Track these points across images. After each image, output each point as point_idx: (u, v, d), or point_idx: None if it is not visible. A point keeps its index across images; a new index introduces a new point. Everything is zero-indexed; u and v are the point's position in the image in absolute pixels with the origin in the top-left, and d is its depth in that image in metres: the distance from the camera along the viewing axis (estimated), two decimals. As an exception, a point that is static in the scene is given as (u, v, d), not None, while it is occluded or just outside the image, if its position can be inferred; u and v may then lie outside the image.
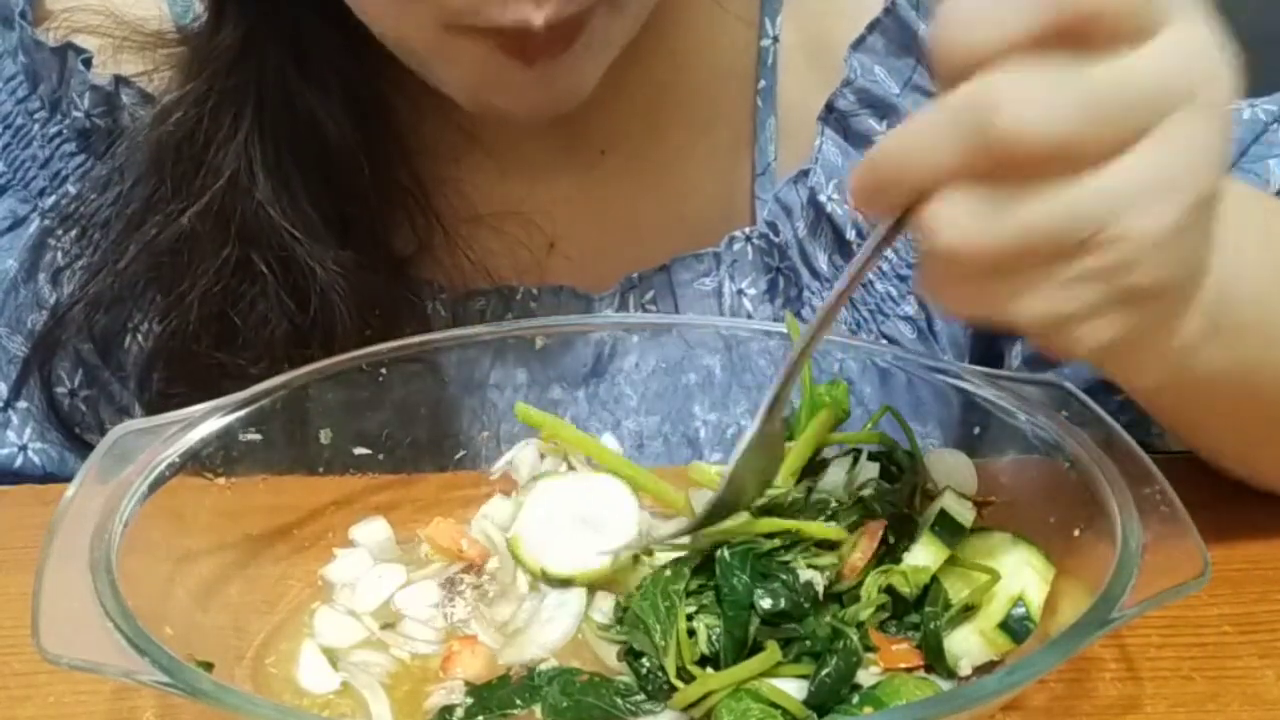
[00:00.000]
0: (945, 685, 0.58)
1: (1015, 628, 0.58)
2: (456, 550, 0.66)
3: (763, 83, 0.87)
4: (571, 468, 0.69)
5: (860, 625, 0.59)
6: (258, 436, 0.65)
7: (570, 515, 0.66)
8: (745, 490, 0.61)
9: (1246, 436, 0.70)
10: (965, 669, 0.59)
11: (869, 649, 0.59)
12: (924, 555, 0.62)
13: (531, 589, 0.65)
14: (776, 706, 0.55)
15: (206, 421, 0.64)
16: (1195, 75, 0.48)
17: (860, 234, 0.84)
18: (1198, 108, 0.48)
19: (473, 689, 0.58)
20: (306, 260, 0.78)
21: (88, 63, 0.83)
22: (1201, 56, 0.49)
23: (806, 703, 0.56)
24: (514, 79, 0.71)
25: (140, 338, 0.83)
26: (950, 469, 0.65)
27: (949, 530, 0.62)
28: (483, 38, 0.69)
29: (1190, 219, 0.49)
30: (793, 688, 0.56)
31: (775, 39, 0.87)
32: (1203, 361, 0.59)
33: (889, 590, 0.61)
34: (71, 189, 0.85)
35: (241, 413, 0.65)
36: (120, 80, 0.83)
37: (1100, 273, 0.49)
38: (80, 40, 0.83)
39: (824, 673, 0.56)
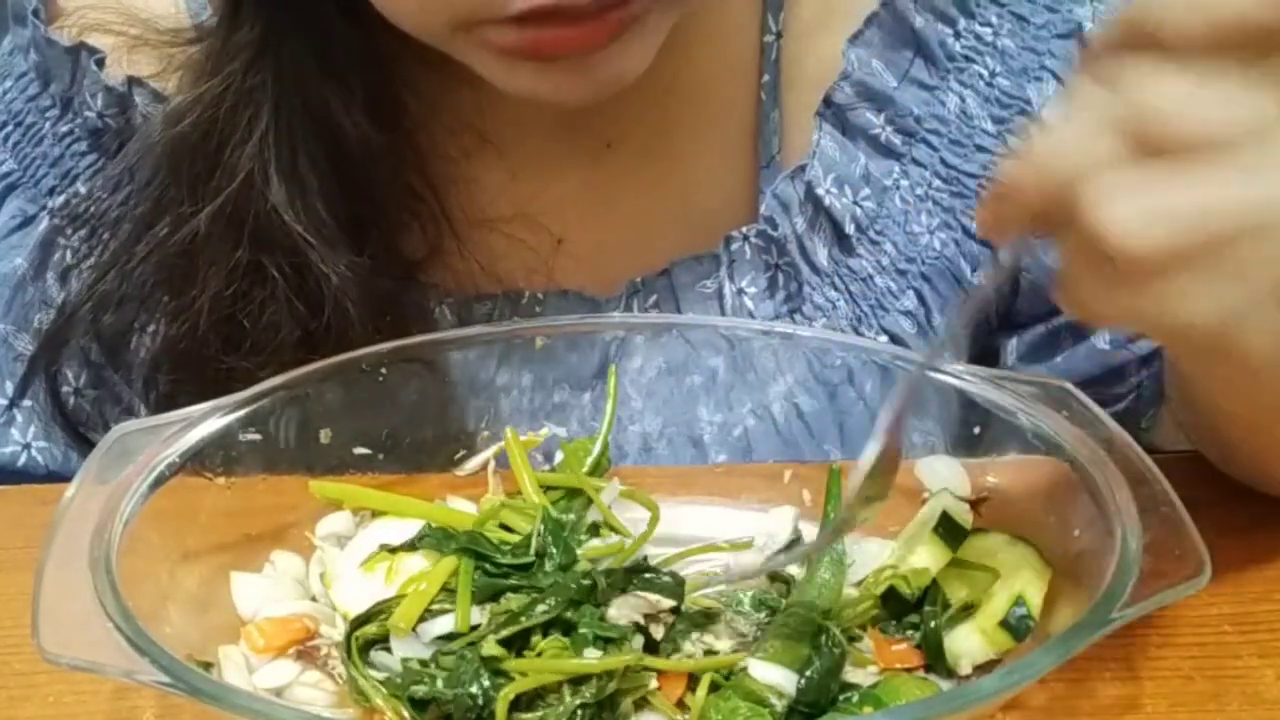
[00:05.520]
0: (945, 685, 0.58)
1: (1016, 625, 0.58)
2: (284, 644, 0.60)
3: (766, 77, 0.87)
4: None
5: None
6: (258, 436, 0.65)
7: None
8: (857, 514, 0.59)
9: None
10: (966, 668, 0.59)
11: (854, 640, 0.59)
12: (926, 557, 0.62)
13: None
14: (765, 705, 0.55)
15: (206, 421, 0.64)
16: None
17: (859, 228, 0.84)
18: None
19: None
20: (320, 266, 0.78)
21: (100, 63, 0.83)
22: None
23: (799, 700, 0.56)
24: (553, 63, 0.71)
25: (147, 339, 0.83)
26: (942, 476, 0.65)
27: (950, 532, 0.62)
28: (489, 45, 0.69)
29: None
30: (781, 679, 0.56)
31: (778, 34, 0.87)
32: None
33: (890, 592, 0.61)
34: (82, 188, 0.85)
35: (241, 413, 0.65)
36: (133, 81, 0.83)
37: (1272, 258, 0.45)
38: (93, 39, 0.83)
39: (810, 669, 0.56)
